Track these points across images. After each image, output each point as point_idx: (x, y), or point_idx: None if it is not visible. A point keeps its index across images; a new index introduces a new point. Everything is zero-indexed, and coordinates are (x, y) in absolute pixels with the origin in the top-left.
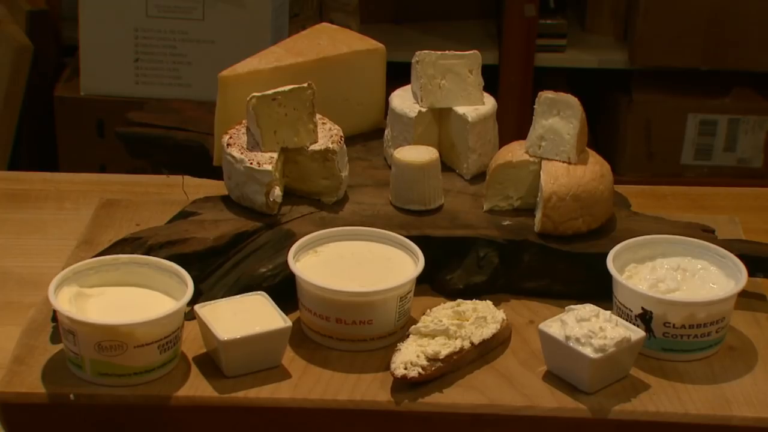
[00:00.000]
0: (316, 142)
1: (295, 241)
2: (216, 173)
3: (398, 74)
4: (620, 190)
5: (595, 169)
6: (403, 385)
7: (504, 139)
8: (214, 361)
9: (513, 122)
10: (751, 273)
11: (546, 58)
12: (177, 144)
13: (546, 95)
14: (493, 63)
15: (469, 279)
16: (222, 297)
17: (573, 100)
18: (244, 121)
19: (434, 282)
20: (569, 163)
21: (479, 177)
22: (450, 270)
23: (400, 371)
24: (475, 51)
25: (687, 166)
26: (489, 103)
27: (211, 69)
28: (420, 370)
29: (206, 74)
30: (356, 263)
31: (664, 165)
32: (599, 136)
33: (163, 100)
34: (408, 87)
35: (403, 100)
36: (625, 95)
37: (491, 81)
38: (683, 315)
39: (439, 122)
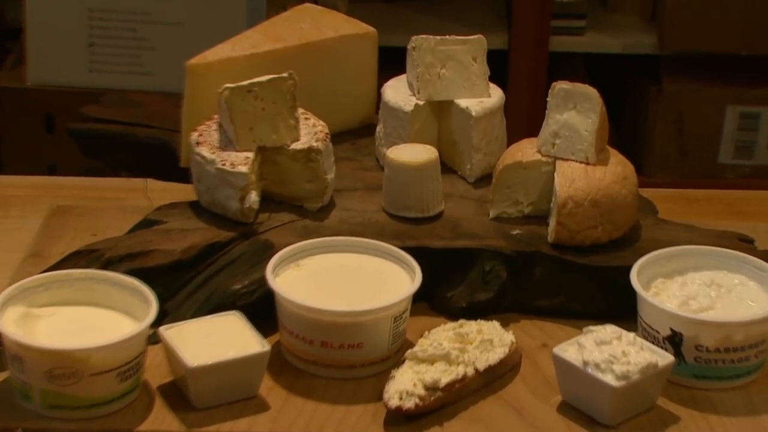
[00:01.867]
0: (298, 140)
1: (275, 253)
2: (183, 176)
3: (392, 62)
4: (646, 194)
5: (616, 171)
6: (398, 418)
7: (513, 136)
8: (181, 390)
9: (523, 117)
10: None
11: (562, 42)
12: (139, 142)
13: (560, 86)
14: (501, 48)
15: (473, 296)
16: (191, 317)
17: (591, 92)
18: (215, 117)
19: (433, 300)
20: (587, 164)
21: (484, 179)
22: (451, 286)
23: (394, 402)
24: (480, 35)
25: (725, 165)
26: (496, 95)
27: (178, 56)
28: (417, 401)
29: (172, 62)
30: (344, 278)
31: (698, 164)
32: (624, 131)
33: (122, 92)
34: (403, 77)
35: (397, 92)
36: (653, 84)
37: (499, 69)
38: (718, 337)
39: (438, 117)
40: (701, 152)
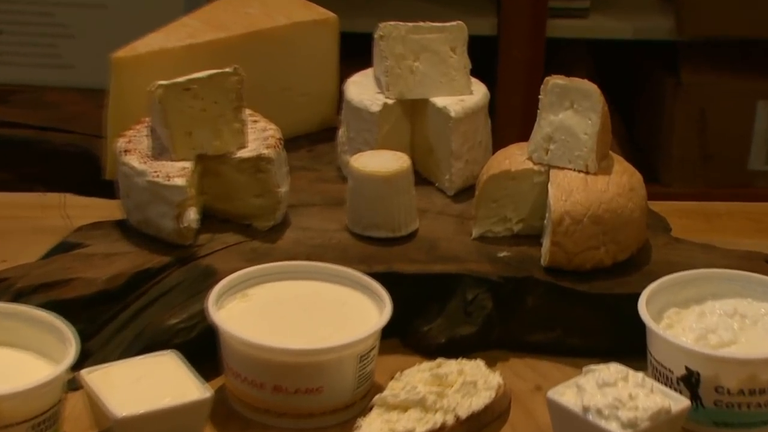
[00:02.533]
0: (245, 146)
1: (218, 281)
2: (109, 190)
3: (356, 53)
4: (657, 208)
5: (621, 181)
6: None
7: (502, 140)
8: None
9: (516, 117)
10: None
11: (562, 27)
12: (55, 150)
13: (555, 81)
14: (489, 34)
15: (454, 330)
16: (118, 358)
17: (591, 88)
18: (146, 119)
19: (407, 335)
20: (587, 173)
21: (466, 192)
22: (427, 319)
23: None
24: (459, 21)
25: (756, 172)
26: (479, 91)
27: (102, 46)
28: None
29: (94, 53)
30: (301, 311)
31: (724, 171)
32: (637, 133)
33: (34, 89)
34: (369, 71)
35: (362, 89)
36: (671, 76)
37: (487, 59)
38: (742, 377)
39: (411, 119)
40: (728, 157)
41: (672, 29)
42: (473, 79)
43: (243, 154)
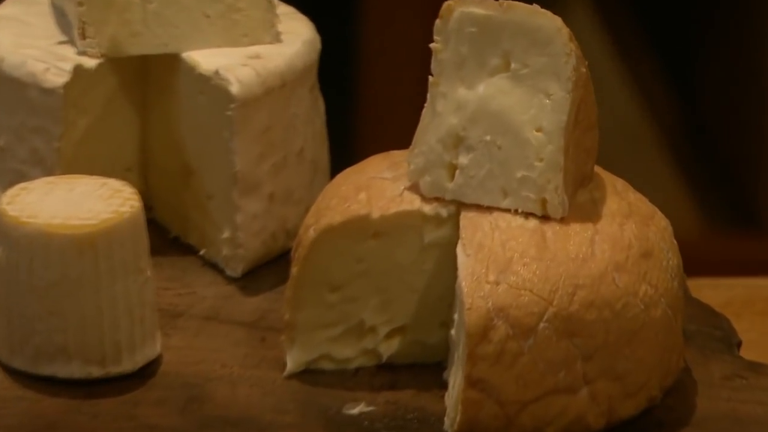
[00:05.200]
0: None
1: None
2: None
3: None
4: (724, 294)
5: (622, 238)
6: None
7: (362, 147)
8: None
9: (401, 95)
10: None
11: None
12: None
13: (467, 10)
14: None
15: None
16: None
17: (549, 25)
18: None
19: None
20: (543, 220)
21: (270, 270)
22: None
23: None
24: None
25: None
26: (298, 37)
27: None
28: None
29: None
30: None
31: None
32: (704, 120)
33: None
34: None
35: (23, 36)
36: None
37: None
38: None
39: (142, 101)
40: None
41: None
42: (285, 9)
43: None
